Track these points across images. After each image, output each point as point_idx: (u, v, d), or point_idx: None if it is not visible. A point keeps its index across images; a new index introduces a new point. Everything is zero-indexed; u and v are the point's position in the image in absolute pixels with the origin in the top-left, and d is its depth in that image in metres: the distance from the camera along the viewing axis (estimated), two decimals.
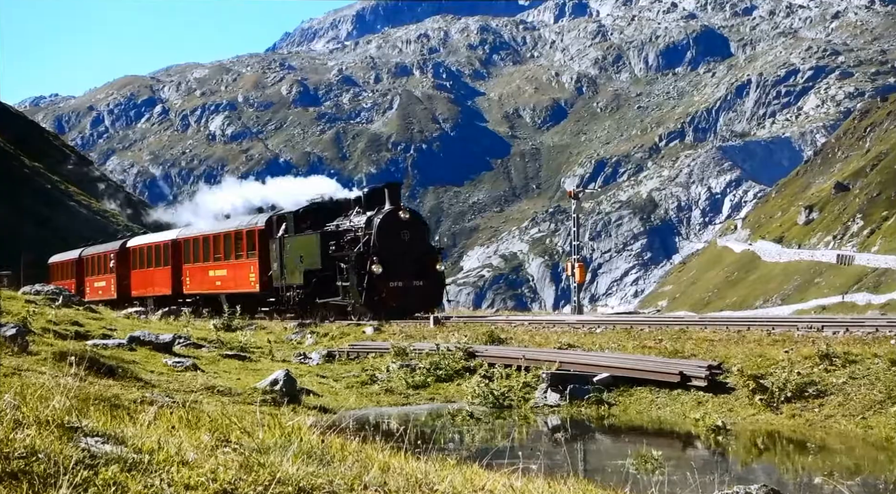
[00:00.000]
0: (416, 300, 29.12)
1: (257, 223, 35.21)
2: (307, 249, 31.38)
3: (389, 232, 29.06)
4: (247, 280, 35.44)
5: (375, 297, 28.57)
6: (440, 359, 17.17)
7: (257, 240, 34.68)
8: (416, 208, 39.94)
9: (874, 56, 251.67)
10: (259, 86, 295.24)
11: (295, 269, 32.02)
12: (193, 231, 41.14)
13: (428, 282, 29.63)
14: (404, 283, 28.94)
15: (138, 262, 45.19)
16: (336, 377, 17.67)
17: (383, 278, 28.51)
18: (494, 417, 13.70)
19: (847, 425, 10.77)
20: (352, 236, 29.79)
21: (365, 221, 29.72)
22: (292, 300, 32.45)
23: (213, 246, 38.43)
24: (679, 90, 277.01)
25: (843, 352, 12.22)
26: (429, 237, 30.87)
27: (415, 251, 29.47)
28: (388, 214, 29.31)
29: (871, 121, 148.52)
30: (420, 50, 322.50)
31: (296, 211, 33.00)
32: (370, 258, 28.63)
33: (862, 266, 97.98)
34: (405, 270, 29.06)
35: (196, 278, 39.72)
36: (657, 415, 12.77)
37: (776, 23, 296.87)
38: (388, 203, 29.75)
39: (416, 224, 30.03)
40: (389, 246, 28.94)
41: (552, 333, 19.56)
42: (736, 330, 16.83)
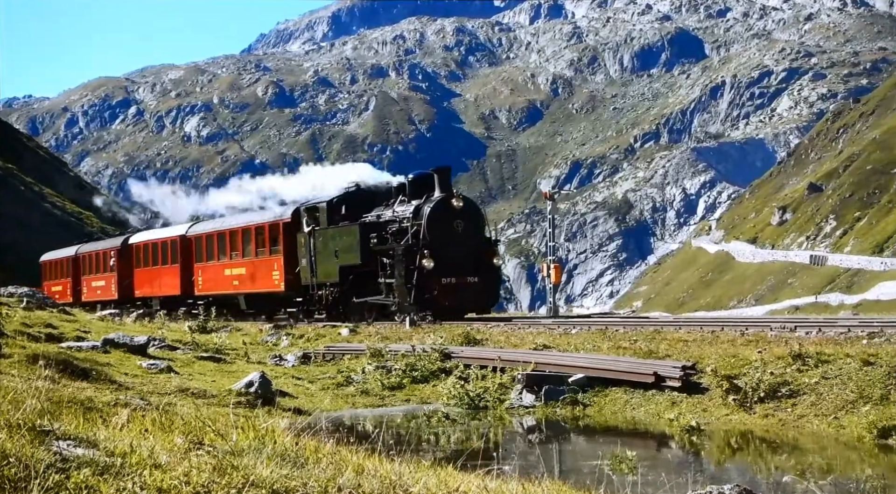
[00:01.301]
0: (471, 298, 26.41)
1: (282, 215, 32.29)
2: (344, 243, 28.45)
3: (441, 222, 26.28)
4: (269, 278, 32.71)
5: (426, 295, 25.71)
6: (416, 361, 17.16)
7: (282, 234, 31.84)
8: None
9: (847, 58, 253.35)
10: (234, 87, 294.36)
11: (329, 265, 29.14)
12: (206, 226, 38.46)
13: (483, 278, 26.71)
14: (457, 279, 26.09)
15: (142, 260, 42.11)
16: (311, 378, 17.64)
17: (434, 274, 25.67)
18: (470, 418, 13.71)
19: (819, 425, 10.84)
20: (397, 227, 26.88)
21: (412, 210, 26.78)
22: (325, 299, 29.67)
23: (230, 242, 35.59)
24: (654, 91, 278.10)
25: (816, 352, 12.29)
26: (485, 227, 27.80)
27: (469, 243, 26.65)
28: (440, 202, 26.49)
29: (843, 123, 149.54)
30: (396, 51, 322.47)
31: (329, 200, 29.95)
32: (420, 251, 25.74)
33: (835, 266, 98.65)
34: (458, 265, 26.23)
35: (209, 277, 36.97)
36: (632, 416, 12.82)
37: (750, 25, 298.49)
38: (437, 190, 26.91)
39: (470, 213, 27.13)
40: (441, 238, 26.15)
41: (528, 334, 19.61)
42: (710, 330, 16.92)
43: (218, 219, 38.69)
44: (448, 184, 27.20)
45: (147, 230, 46.33)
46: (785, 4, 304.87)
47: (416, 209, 26.72)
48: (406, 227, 26.54)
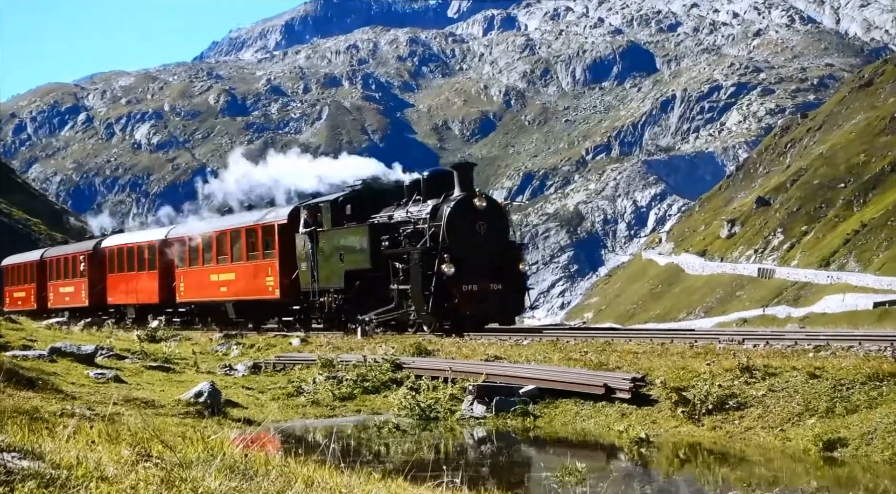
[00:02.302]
0: (494, 306, 24.06)
1: (278, 216, 29.90)
2: (351, 245, 26.13)
3: (462, 223, 23.87)
4: (263, 284, 30.20)
5: (445, 304, 23.34)
6: (367, 371, 17.11)
7: (277, 236, 29.41)
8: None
9: (794, 73, 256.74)
10: (186, 95, 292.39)
11: (332, 270, 26.82)
12: (190, 228, 35.72)
13: (508, 285, 24.27)
14: (480, 286, 23.70)
15: (116, 265, 39.44)
16: (262, 389, 17.53)
17: (455, 280, 23.31)
18: (421, 429, 13.69)
19: (766, 437, 10.95)
20: (411, 229, 24.56)
21: (430, 211, 24.37)
22: (327, 307, 27.28)
23: (217, 245, 33.03)
24: (605, 104, 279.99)
25: (763, 365, 12.42)
26: (509, 230, 25.50)
27: (493, 247, 24.22)
28: (461, 202, 24.06)
29: (791, 138, 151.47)
30: (349, 61, 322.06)
31: (333, 199, 27.48)
32: (439, 255, 23.34)
33: (782, 279, 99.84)
34: (481, 270, 23.88)
35: (193, 284, 34.37)
36: (582, 427, 12.87)
37: (700, 39, 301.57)
38: (457, 188, 24.48)
39: (494, 214, 24.66)
40: (462, 241, 23.78)
41: (479, 345, 19.62)
42: (659, 342, 17.03)
43: (203, 221, 36.51)
44: (470, 182, 24.87)
45: (121, 233, 44.30)
46: (734, 20, 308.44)
47: (434, 209, 24.33)
48: (422, 229, 24.34)
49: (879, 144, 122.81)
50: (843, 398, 10.93)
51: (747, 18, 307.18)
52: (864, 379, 11.12)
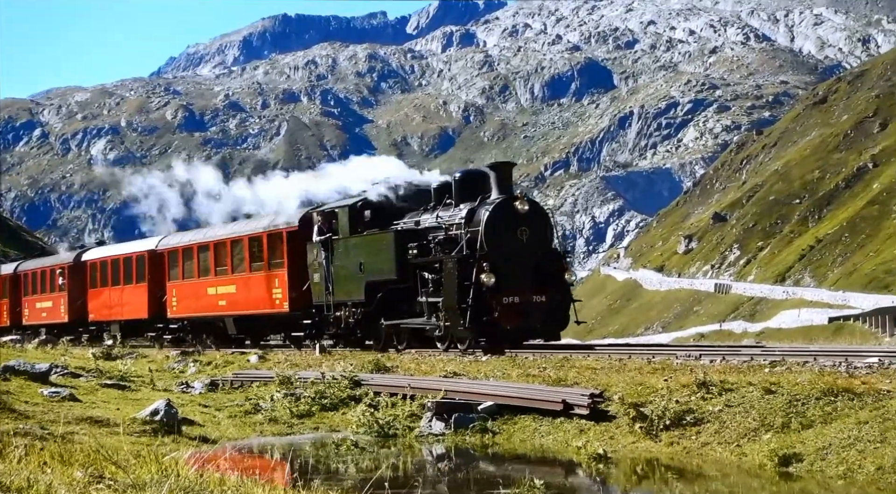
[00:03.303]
0: (538, 321, 21.67)
1: (287, 222, 27.35)
2: (373, 254, 23.85)
3: (502, 229, 21.63)
4: (268, 297, 27.82)
5: (484, 317, 21.05)
6: (325, 388, 16.99)
7: (286, 244, 26.96)
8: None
9: (750, 90, 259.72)
10: (143, 110, 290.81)
11: (351, 281, 24.45)
12: (183, 238, 33.36)
13: (552, 297, 21.88)
14: (522, 298, 21.42)
15: (99, 279, 37.11)
16: (219, 406, 17.37)
17: (495, 292, 21.09)
18: (379, 446, 13.64)
19: (723, 452, 11.00)
20: (443, 236, 22.27)
21: (465, 215, 22.08)
22: (344, 321, 24.91)
23: (215, 256, 30.61)
24: (564, 120, 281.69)
25: (720, 381, 12.48)
26: (553, 236, 22.93)
27: (535, 255, 21.96)
28: (501, 205, 21.75)
29: (746, 154, 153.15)
30: (308, 76, 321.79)
31: (352, 204, 25.01)
32: (478, 264, 21.09)
33: (738, 294, 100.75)
34: (523, 281, 21.63)
35: (187, 298, 31.87)
36: (540, 443, 12.87)
37: (657, 56, 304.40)
38: (495, 190, 22.20)
39: (537, 218, 22.30)
40: (502, 248, 21.53)
41: (438, 361, 19.58)
42: (617, 358, 17.07)
43: (198, 230, 33.76)
44: (509, 183, 22.62)
45: (103, 245, 41.97)
46: (690, 37, 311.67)
47: (470, 213, 22.09)
48: (456, 236, 22.10)
49: (833, 161, 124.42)
50: (799, 413, 11.01)
51: (703, 36, 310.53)
52: (818, 394, 11.21)
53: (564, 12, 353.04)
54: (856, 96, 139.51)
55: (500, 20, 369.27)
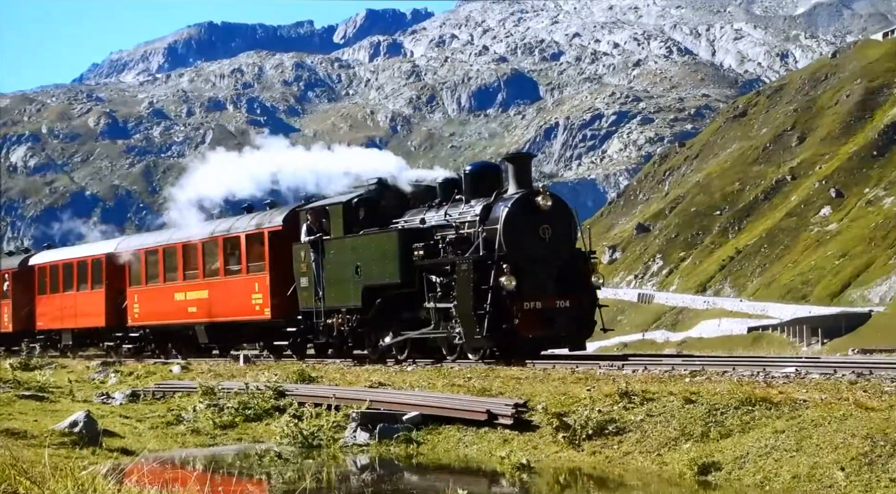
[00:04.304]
0: (563, 328, 19.67)
1: (269, 222, 25.27)
2: (372, 255, 21.62)
3: (523, 227, 19.57)
4: (247, 303, 25.52)
5: (504, 325, 19.03)
6: (249, 399, 16.85)
7: (268, 246, 24.86)
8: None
9: (672, 103, 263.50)
10: (65, 117, 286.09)
11: (346, 286, 22.26)
12: (146, 240, 31.41)
13: (577, 302, 19.87)
14: (544, 304, 19.39)
15: (49, 285, 34.88)
16: (140, 417, 17.15)
17: (516, 296, 19.06)
18: (303, 457, 13.56)
19: (644, 461, 11.13)
20: (454, 235, 20.18)
21: (479, 212, 20.12)
22: (336, 329, 22.70)
23: (184, 258, 28.45)
24: (490, 131, 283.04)
25: (642, 390, 12.63)
26: (577, 234, 20.85)
27: (559, 255, 20.03)
28: (521, 201, 19.72)
29: (669, 166, 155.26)
30: (234, 84, 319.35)
31: (346, 201, 22.80)
32: (496, 266, 19.06)
33: (661, 304, 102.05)
34: (545, 284, 19.70)
35: (151, 304, 29.60)
36: (464, 454, 12.91)
37: (582, 68, 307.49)
38: (512, 184, 20.23)
39: (561, 215, 20.23)
40: (523, 248, 19.53)
41: (363, 371, 19.55)
42: (542, 368, 17.19)
43: (164, 231, 31.74)
44: (528, 176, 20.67)
45: (52, 248, 39.54)
46: (615, 50, 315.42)
47: (486, 210, 20.10)
48: (469, 235, 20.10)
49: (753, 173, 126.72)
50: (718, 423, 11.19)
51: (627, 49, 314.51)
52: (737, 403, 11.39)
53: (491, 24, 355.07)
54: (774, 110, 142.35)
55: (427, 31, 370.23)
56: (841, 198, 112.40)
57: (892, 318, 77.97)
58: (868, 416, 10.05)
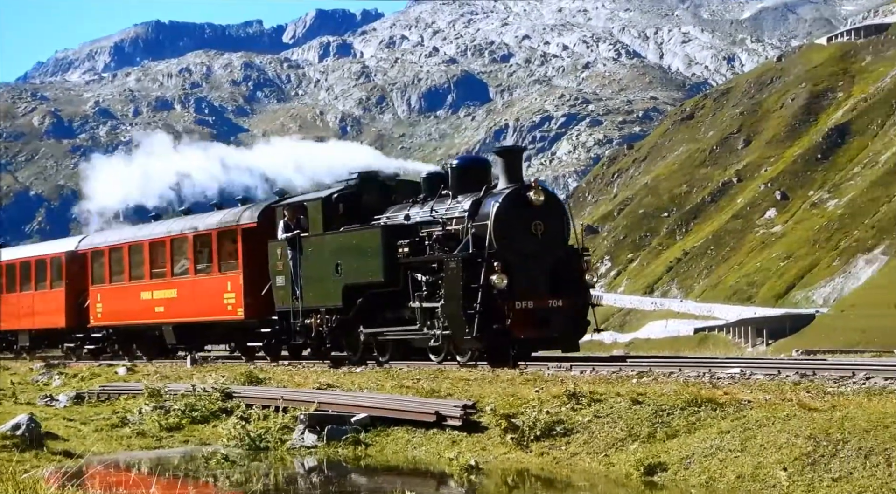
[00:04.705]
0: (556, 328, 18.90)
1: (243, 218, 24.29)
2: (354, 253, 20.83)
3: (515, 223, 18.84)
4: (219, 303, 24.64)
5: (495, 325, 18.30)
6: (196, 401, 16.71)
7: (241, 243, 23.97)
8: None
9: (621, 106, 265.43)
10: (9, 116, 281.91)
11: (325, 285, 21.47)
12: (111, 237, 30.05)
13: (570, 302, 19.15)
14: (537, 303, 18.66)
15: (5, 284, 33.95)
16: (84, 420, 16.96)
17: (507, 296, 18.32)
18: (250, 459, 13.49)
19: (591, 462, 11.19)
20: (440, 232, 19.39)
21: (468, 207, 19.40)
22: (314, 329, 21.80)
23: (151, 257, 27.50)
24: (440, 132, 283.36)
25: (590, 391, 12.69)
26: (570, 231, 20.22)
27: (551, 253, 19.35)
28: (512, 196, 19.01)
29: (618, 168, 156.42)
30: (182, 84, 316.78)
31: (325, 196, 21.98)
32: (487, 263, 18.31)
33: (609, 305, 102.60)
34: (538, 283, 18.99)
35: (116, 304, 28.60)
36: (413, 455, 12.90)
37: (532, 70, 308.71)
38: (503, 179, 19.65)
39: (553, 211, 19.59)
40: (515, 245, 18.84)
41: (311, 373, 19.48)
42: (490, 369, 17.22)
43: (129, 228, 30.92)
44: (518, 170, 20.02)
45: (8, 246, 38.12)
46: (564, 52, 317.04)
47: (475, 205, 19.36)
48: (457, 231, 19.41)
49: (700, 176, 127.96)
50: (664, 423, 11.27)
51: (576, 51, 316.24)
52: (683, 404, 11.49)
53: (441, 25, 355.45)
54: (721, 113, 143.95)
55: (377, 31, 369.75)
56: (786, 200, 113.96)
57: (836, 319, 79.18)
58: (811, 417, 10.17)
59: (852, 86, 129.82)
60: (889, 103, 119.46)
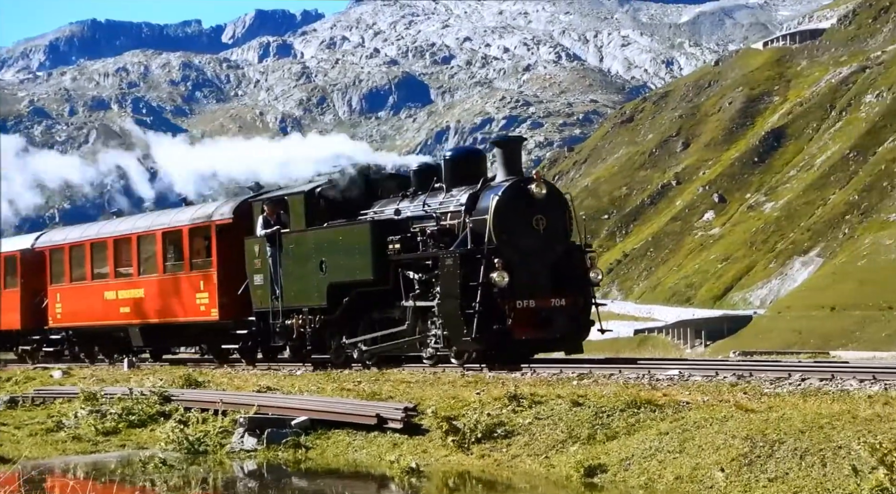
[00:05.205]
0: (558, 329, 17.79)
1: (217, 214, 22.88)
2: (340, 250, 19.60)
3: (515, 217, 17.77)
4: (191, 303, 23.33)
5: (495, 325, 17.16)
6: (133, 404, 16.53)
7: (216, 240, 22.54)
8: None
9: (561, 108, 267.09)
10: None
11: (308, 284, 20.27)
12: (71, 234, 28.57)
13: (573, 301, 18.19)
14: (539, 303, 17.64)
15: None
16: (18, 424, 16.71)
17: (508, 295, 17.25)
18: (189, 463, 13.38)
19: (532, 464, 11.23)
20: (434, 227, 18.31)
21: (465, 201, 18.32)
22: (295, 331, 20.45)
23: (116, 255, 25.99)
24: (382, 134, 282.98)
25: (531, 393, 12.74)
26: (572, 226, 18.90)
27: (554, 249, 18.24)
28: (512, 189, 17.89)
29: (558, 170, 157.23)
30: (119, 84, 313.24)
31: (308, 190, 20.87)
32: (487, 260, 17.21)
33: None
34: (539, 281, 17.94)
35: (77, 304, 27.18)
36: (354, 458, 12.86)
37: (473, 72, 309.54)
38: (501, 171, 18.45)
39: (556, 205, 18.39)
40: (515, 240, 17.78)
41: (251, 376, 19.33)
42: (432, 371, 17.20)
43: (91, 224, 29.38)
44: (518, 162, 18.98)
45: None
46: (505, 55, 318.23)
47: (472, 199, 18.31)
48: (452, 226, 18.31)
49: (639, 178, 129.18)
50: (604, 425, 11.35)
51: (517, 54, 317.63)
52: (623, 406, 11.57)
53: (382, 26, 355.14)
54: (660, 116, 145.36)
55: (317, 32, 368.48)
56: (723, 203, 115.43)
57: (772, 321, 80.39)
58: (748, 417, 10.30)
59: (788, 90, 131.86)
60: (824, 107, 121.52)
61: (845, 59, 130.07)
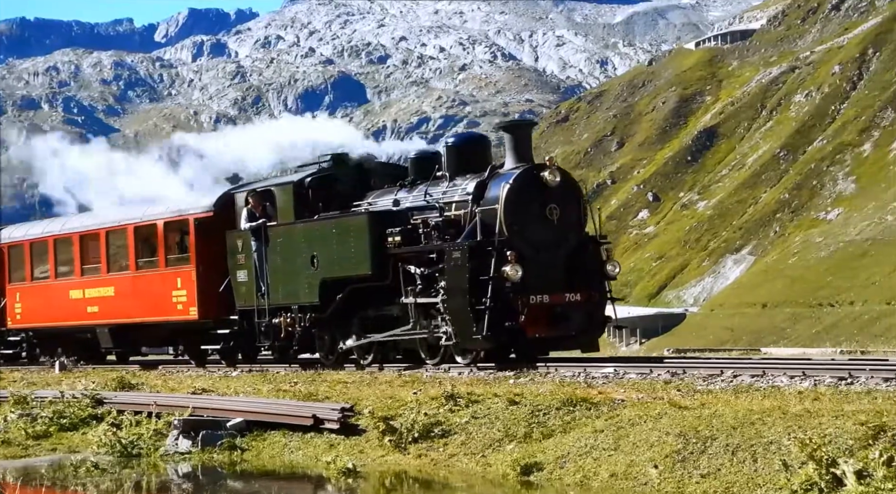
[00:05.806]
0: (573, 326, 16.77)
1: (195, 207, 21.61)
2: (333, 243, 18.31)
3: (528, 207, 16.70)
4: (167, 301, 21.86)
5: (508, 322, 16.07)
6: (64, 407, 16.34)
7: (194, 234, 21.19)
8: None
9: (497, 108, 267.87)
10: None
11: (298, 280, 18.97)
12: (32, 230, 27.28)
13: (587, 296, 17.06)
14: (553, 298, 16.55)
15: None
16: None
17: (521, 289, 16.16)
18: (122, 467, 13.25)
19: (469, 463, 11.27)
20: (439, 218, 17.20)
21: (472, 189, 17.20)
22: (283, 330, 19.11)
23: (83, 251, 24.64)
24: None
25: (467, 393, 12.78)
26: (586, 216, 17.92)
27: (568, 241, 17.22)
28: (524, 176, 16.82)
29: None
30: (49, 83, 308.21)
31: (297, 180, 19.70)
32: (499, 252, 16.11)
33: None
34: (554, 275, 16.88)
35: (39, 303, 25.80)
36: (290, 459, 12.81)
37: (409, 72, 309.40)
38: (510, 158, 17.47)
39: (570, 194, 17.49)
40: (527, 232, 16.70)
41: (186, 377, 19.20)
42: (369, 372, 17.19)
43: (54, 219, 27.89)
44: (528, 148, 17.88)
45: None
46: (441, 54, 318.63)
47: (480, 187, 17.14)
48: (458, 217, 17.25)
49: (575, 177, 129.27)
50: (540, 423, 11.42)
51: (453, 53, 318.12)
52: (559, 404, 11.66)
53: (317, 25, 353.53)
54: (595, 116, 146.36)
55: (251, 31, 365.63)
56: (658, 201, 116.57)
57: (705, 318, 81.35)
58: (681, 414, 10.42)
59: (720, 90, 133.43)
60: (755, 107, 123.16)
61: (775, 60, 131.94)
